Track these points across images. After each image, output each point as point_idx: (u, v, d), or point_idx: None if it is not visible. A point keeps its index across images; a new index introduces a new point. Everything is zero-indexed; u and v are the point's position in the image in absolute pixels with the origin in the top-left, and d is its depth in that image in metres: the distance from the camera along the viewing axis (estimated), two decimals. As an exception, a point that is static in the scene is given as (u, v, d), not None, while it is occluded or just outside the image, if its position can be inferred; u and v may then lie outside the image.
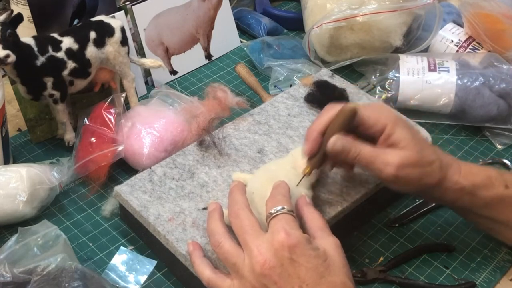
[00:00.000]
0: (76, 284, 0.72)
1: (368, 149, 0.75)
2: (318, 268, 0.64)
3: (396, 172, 0.74)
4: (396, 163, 0.74)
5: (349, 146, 0.75)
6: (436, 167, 0.76)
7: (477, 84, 1.03)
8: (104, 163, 0.89)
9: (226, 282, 0.68)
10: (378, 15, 1.10)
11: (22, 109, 0.97)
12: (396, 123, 0.76)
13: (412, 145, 0.75)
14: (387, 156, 0.74)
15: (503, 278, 0.84)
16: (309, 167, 0.76)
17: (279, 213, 0.67)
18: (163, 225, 0.78)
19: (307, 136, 0.78)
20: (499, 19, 1.12)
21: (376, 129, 0.77)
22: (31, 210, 0.85)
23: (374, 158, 0.75)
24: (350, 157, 0.75)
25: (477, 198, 0.78)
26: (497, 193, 0.78)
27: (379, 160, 0.74)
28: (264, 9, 1.32)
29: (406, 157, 0.74)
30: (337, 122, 0.76)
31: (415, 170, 0.75)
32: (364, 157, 0.75)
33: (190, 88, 1.14)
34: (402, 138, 0.75)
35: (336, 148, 0.75)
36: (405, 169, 0.74)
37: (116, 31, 0.96)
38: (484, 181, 0.78)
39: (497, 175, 0.80)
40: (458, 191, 0.77)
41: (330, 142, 0.75)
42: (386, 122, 0.76)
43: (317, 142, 0.76)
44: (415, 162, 0.74)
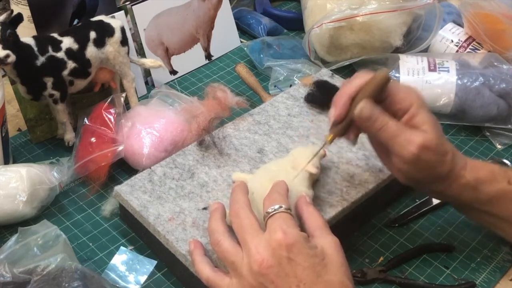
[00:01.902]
0: (76, 284, 0.72)
1: (394, 123, 0.74)
2: (315, 267, 0.64)
3: (418, 152, 0.73)
4: (419, 143, 0.73)
5: (377, 115, 0.74)
6: (449, 158, 0.76)
7: (477, 84, 1.03)
8: (104, 163, 0.89)
9: (225, 280, 0.69)
10: (378, 15, 1.10)
11: (22, 109, 0.97)
12: (422, 105, 0.76)
13: (434, 130, 0.74)
14: (411, 135, 0.74)
15: (503, 278, 0.84)
16: (332, 135, 0.75)
17: (276, 212, 0.67)
18: (163, 225, 0.78)
19: (335, 101, 0.76)
20: (499, 19, 1.12)
21: (402, 105, 0.75)
22: (31, 210, 0.85)
23: (398, 133, 0.74)
24: (376, 127, 0.74)
25: (480, 193, 0.78)
26: (500, 188, 0.78)
27: (403, 137, 0.74)
28: (264, 9, 1.32)
29: (429, 140, 0.73)
30: (369, 88, 0.74)
31: (433, 156, 0.74)
32: (389, 130, 0.74)
33: (190, 88, 1.14)
34: (425, 121, 0.75)
35: (364, 114, 0.73)
36: (426, 151, 0.73)
37: (116, 31, 0.96)
38: (487, 176, 0.78)
39: (501, 171, 0.80)
40: (462, 186, 0.77)
41: (358, 107, 0.73)
42: (412, 102, 0.75)
43: (346, 106, 0.75)
44: (435, 148, 0.74)
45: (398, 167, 0.77)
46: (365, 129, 0.76)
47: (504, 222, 0.80)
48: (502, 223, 0.80)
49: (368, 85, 0.74)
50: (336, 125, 0.76)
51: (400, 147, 0.74)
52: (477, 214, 0.82)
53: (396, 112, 0.76)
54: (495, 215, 0.79)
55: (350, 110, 0.75)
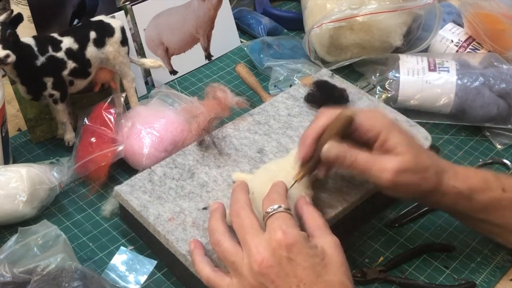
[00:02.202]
0: (76, 284, 0.72)
1: (364, 156, 0.74)
2: (315, 267, 0.64)
3: (393, 178, 0.73)
4: (393, 169, 0.73)
5: (344, 153, 0.74)
6: (432, 172, 0.75)
7: (477, 84, 1.03)
8: (104, 163, 0.89)
9: (225, 280, 0.69)
10: (378, 15, 1.10)
11: (22, 109, 0.97)
12: (391, 128, 0.76)
13: (408, 150, 0.74)
14: (383, 162, 0.73)
15: (503, 278, 0.84)
16: (301, 173, 0.76)
17: (276, 212, 0.67)
18: (163, 225, 0.78)
19: (301, 142, 0.77)
20: (499, 19, 1.12)
21: (371, 134, 0.76)
22: (31, 210, 0.85)
23: (370, 164, 0.74)
24: (346, 164, 0.74)
25: (474, 202, 0.77)
26: (494, 196, 0.78)
27: (376, 167, 0.74)
28: (264, 9, 1.32)
29: (403, 163, 0.73)
30: (333, 128, 0.75)
31: (412, 176, 0.74)
32: (360, 164, 0.74)
33: (190, 88, 1.14)
34: (397, 144, 0.74)
35: (330, 155, 0.74)
36: (402, 174, 0.73)
37: (116, 31, 0.96)
38: (481, 185, 0.78)
39: (494, 179, 0.79)
40: (454, 196, 0.77)
41: (324, 149, 0.74)
42: (381, 128, 0.75)
43: (311, 148, 0.75)
44: (412, 168, 0.74)
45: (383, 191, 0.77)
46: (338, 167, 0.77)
47: (501, 229, 0.80)
48: (498, 230, 0.80)
49: (333, 125, 0.75)
50: (305, 164, 0.76)
51: (376, 177, 0.74)
52: (473, 222, 0.82)
53: (369, 141, 0.76)
54: (491, 222, 0.79)
55: (317, 149, 0.75)
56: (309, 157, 0.76)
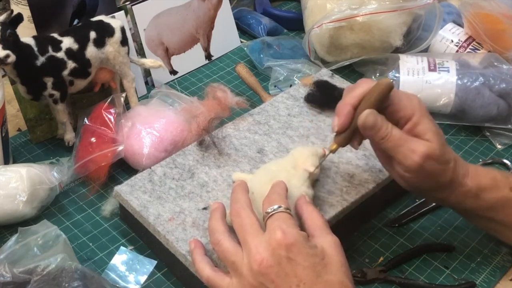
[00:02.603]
0: (76, 284, 0.72)
1: (397, 132, 0.74)
2: (315, 267, 0.64)
3: (421, 161, 0.73)
4: (423, 153, 0.73)
5: (381, 124, 0.74)
6: (451, 166, 0.76)
7: (477, 84, 1.03)
8: (104, 163, 0.89)
9: (225, 280, 0.69)
10: (378, 15, 1.10)
11: (22, 109, 0.97)
12: (424, 114, 0.76)
13: (437, 139, 0.74)
14: (414, 144, 0.74)
15: (503, 278, 0.84)
16: (335, 144, 0.75)
17: (276, 212, 0.67)
18: (163, 225, 0.78)
19: (338, 110, 0.76)
20: (499, 19, 1.12)
21: (404, 113, 0.75)
22: (31, 210, 0.85)
23: (402, 142, 0.74)
24: (379, 136, 0.74)
25: (481, 201, 0.78)
26: (502, 195, 0.78)
27: (407, 146, 0.73)
28: (264, 9, 1.32)
29: (432, 150, 0.73)
30: (372, 96, 0.74)
31: (436, 165, 0.74)
32: (393, 140, 0.74)
33: (190, 88, 1.14)
34: (428, 130, 0.74)
35: (368, 123, 0.73)
36: (429, 161, 0.73)
37: (116, 31, 0.96)
38: (489, 184, 0.78)
39: (503, 178, 0.80)
40: (463, 194, 0.77)
41: (362, 116, 0.73)
42: (415, 110, 0.75)
43: (350, 116, 0.75)
44: (437, 157, 0.74)
45: (401, 175, 0.77)
46: (369, 138, 0.76)
47: (507, 229, 0.80)
48: (503, 228, 0.81)
49: (371, 94, 0.74)
50: (339, 135, 0.76)
51: (404, 157, 0.74)
52: (479, 220, 0.82)
53: (399, 120, 0.76)
54: (497, 221, 0.80)
55: (353, 119, 0.74)
56: (346, 126, 0.75)
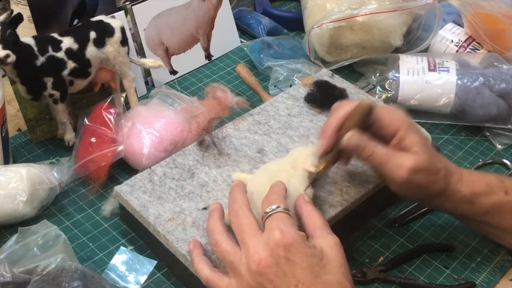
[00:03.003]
0: (76, 284, 0.72)
1: (382, 149, 0.75)
2: (313, 267, 0.64)
3: (408, 176, 0.74)
4: (410, 167, 0.74)
5: (364, 144, 0.75)
6: (442, 175, 0.76)
7: (477, 84, 1.03)
8: (104, 163, 0.89)
9: (224, 280, 0.69)
10: (378, 15, 1.10)
11: (22, 109, 0.97)
12: (409, 127, 0.77)
13: (424, 151, 0.75)
14: (400, 159, 0.75)
15: (503, 278, 0.84)
16: (323, 164, 0.77)
17: (274, 212, 0.67)
18: (163, 225, 0.78)
19: (323, 132, 0.78)
20: (499, 19, 1.12)
21: (389, 130, 0.77)
22: (31, 210, 0.85)
23: (387, 158, 0.75)
24: (364, 155, 0.75)
25: (476, 206, 0.78)
26: (497, 200, 0.78)
27: (393, 162, 0.75)
28: (264, 9, 1.32)
29: (419, 162, 0.74)
30: (354, 118, 0.76)
31: (425, 177, 0.75)
32: (378, 157, 0.75)
33: (190, 88, 1.14)
34: (414, 143, 0.75)
35: (351, 144, 0.75)
36: (417, 174, 0.74)
37: (116, 31, 0.96)
38: (484, 189, 0.78)
39: (498, 182, 0.80)
40: (458, 200, 0.78)
41: (345, 138, 0.75)
42: (400, 125, 0.77)
43: (334, 137, 0.76)
44: (426, 168, 0.75)
45: (392, 189, 0.78)
46: (355, 157, 0.78)
47: (502, 232, 0.81)
48: (499, 232, 0.81)
49: (353, 114, 0.76)
50: (326, 155, 0.77)
51: (391, 172, 0.75)
52: (474, 224, 0.83)
53: (385, 137, 0.77)
54: (493, 226, 0.80)
55: (338, 140, 0.76)
56: (331, 148, 0.77)
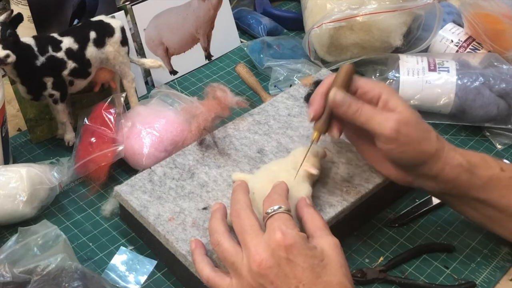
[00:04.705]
0: (76, 284, 0.72)
1: (369, 107, 0.76)
2: (314, 268, 0.64)
3: (396, 126, 0.74)
4: (397, 118, 0.75)
5: (350, 100, 0.76)
6: (433, 136, 0.77)
7: (477, 84, 1.03)
8: (104, 163, 0.89)
9: (225, 280, 0.69)
10: (378, 15, 1.10)
11: (22, 109, 0.97)
12: (393, 92, 0.79)
13: (409, 110, 0.77)
14: (387, 114, 0.76)
15: (503, 278, 0.84)
16: (316, 131, 0.77)
17: (275, 213, 0.67)
18: (163, 225, 0.78)
19: (311, 101, 0.79)
20: (499, 19, 1.13)
21: (373, 94, 0.78)
22: (31, 210, 0.85)
23: (375, 113, 0.76)
24: (352, 111, 0.76)
25: (475, 177, 0.78)
26: (494, 173, 0.79)
27: (380, 116, 0.76)
28: (264, 9, 1.32)
29: (405, 116, 0.76)
30: (337, 80, 0.77)
31: (414, 130, 0.76)
32: (366, 112, 0.76)
33: (190, 88, 1.14)
34: (399, 104, 0.76)
35: (337, 100, 0.76)
36: (405, 126, 0.75)
37: (116, 31, 0.96)
38: (480, 161, 0.79)
39: (492, 159, 0.81)
40: (456, 168, 0.78)
41: (330, 94, 0.76)
42: (382, 90, 0.78)
43: (321, 102, 0.78)
44: (413, 123, 0.76)
45: (384, 151, 0.77)
46: (343, 116, 0.77)
47: (501, 214, 0.80)
48: (499, 214, 0.80)
49: (336, 77, 0.78)
50: (317, 122, 0.78)
51: (379, 126, 0.75)
52: (473, 207, 0.81)
53: (369, 101, 0.78)
54: (491, 204, 0.79)
55: (326, 105, 0.77)
56: (319, 113, 0.78)
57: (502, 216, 0.80)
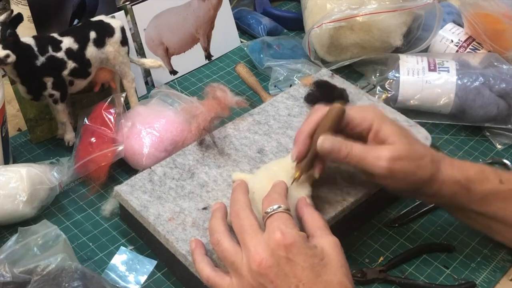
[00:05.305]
0: (76, 284, 0.72)
1: (358, 146, 0.75)
2: (314, 267, 0.64)
3: (388, 165, 0.73)
4: (388, 156, 0.73)
5: (339, 145, 0.74)
6: (428, 160, 0.76)
7: (477, 84, 1.03)
8: (104, 163, 0.89)
9: (225, 280, 0.69)
10: (378, 15, 1.10)
11: (22, 109, 0.97)
12: (382, 119, 0.77)
13: (401, 139, 0.75)
14: (378, 151, 0.74)
15: (503, 278, 0.84)
16: (298, 171, 0.75)
17: (275, 212, 0.67)
18: (163, 225, 0.78)
19: (295, 138, 0.77)
20: (499, 19, 1.13)
21: (363, 127, 0.77)
22: (31, 210, 0.85)
23: (365, 154, 0.74)
24: (341, 156, 0.75)
25: (472, 193, 0.77)
26: (492, 187, 0.78)
27: (371, 155, 0.74)
28: (264, 9, 1.32)
29: (397, 150, 0.74)
30: (326, 122, 0.75)
31: (408, 163, 0.74)
32: (355, 154, 0.74)
33: (190, 88, 1.14)
34: (390, 134, 0.75)
35: (325, 147, 0.74)
36: (398, 162, 0.74)
37: (116, 31, 0.96)
38: (478, 175, 0.78)
39: (491, 170, 0.80)
40: (452, 186, 0.77)
41: (319, 142, 0.74)
42: (372, 120, 0.76)
43: (306, 144, 0.76)
44: (406, 155, 0.74)
45: (380, 183, 0.78)
46: (333, 160, 0.77)
47: (500, 224, 0.80)
48: (497, 225, 0.80)
49: (325, 119, 0.76)
50: (300, 162, 0.76)
51: (372, 166, 0.74)
52: (473, 218, 0.81)
53: (360, 135, 0.77)
54: (490, 216, 0.79)
55: (311, 145, 0.75)
56: (304, 154, 0.76)
57: (502, 227, 0.80)
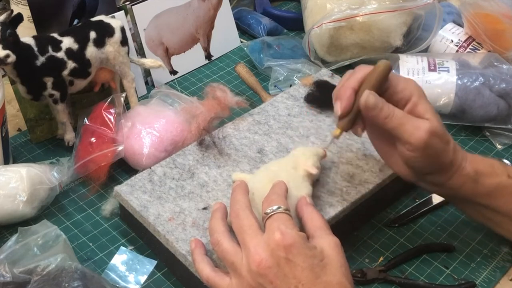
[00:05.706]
0: (76, 284, 0.72)
1: (400, 111, 0.75)
2: (314, 268, 0.64)
3: (427, 137, 0.73)
4: (428, 129, 0.73)
5: (382, 104, 0.74)
6: (451, 147, 0.76)
7: (477, 84, 1.03)
8: (104, 163, 0.89)
9: (225, 280, 0.69)
10: (378, 15, 1.10)
11: (22, 109, 0.97)
12: (422, 95, 0.77)
13: (436, 118, 0.75)
14: (418, 122, 0.74)
15: (503, 278, 0.84)
16: (339, 129, 0.75)
17: (275, 213, 0.67)
18: (163, 225, 0.78)
19: (340, 94, 0.76)
20: (499, 19, 1.13)
21: (403, 95, 0.76)
22: (31, 210, 0.85)
23: (406, 120, 0.74)
24: (382, 116, 0.74)
25: (480, 186, 0.78)
26: (500, 181, 0.78)
27: (411, 124, 0.74)
28: (264, 9, 1.32)
29: (435, 127, 0.74)
30: (371, 79, 0.74)
31: (440, 143, 0.75)
32: (396, 118, 0.74)
33: (190, 88, 1.14)
34: (427, 110, 0.75)
35: (370, 103, 0.73)
36: (434, 137, 0.74)
37: (116, 31, 0.96)
38: (487, 169, 0.78)
39: (500, 165, 0.80)
40: (462, 177, 0.77)
41: (363, 96, 0.73)
42: (413, 91, 0.76)
43: (351, 99, 0.75)
44: (441, 134, 0.75)
45: (405, 157, 0.76)
46: (372, 119, 0.76)
47: (504, 218, 0.80)
48: (500, 218, 0.80)
49: (371, 76, 0.75)
50: (342, 119, 0.76)
51: (409, 134, 0.74)
52: (476, 210, 0.81)
53: (397, 103, 0.76)
54: (495, 209, 0.79)
55: (355, 102, 0.75)
56: (348, 110, 0.75)
57: (505, 220, 0.80)
